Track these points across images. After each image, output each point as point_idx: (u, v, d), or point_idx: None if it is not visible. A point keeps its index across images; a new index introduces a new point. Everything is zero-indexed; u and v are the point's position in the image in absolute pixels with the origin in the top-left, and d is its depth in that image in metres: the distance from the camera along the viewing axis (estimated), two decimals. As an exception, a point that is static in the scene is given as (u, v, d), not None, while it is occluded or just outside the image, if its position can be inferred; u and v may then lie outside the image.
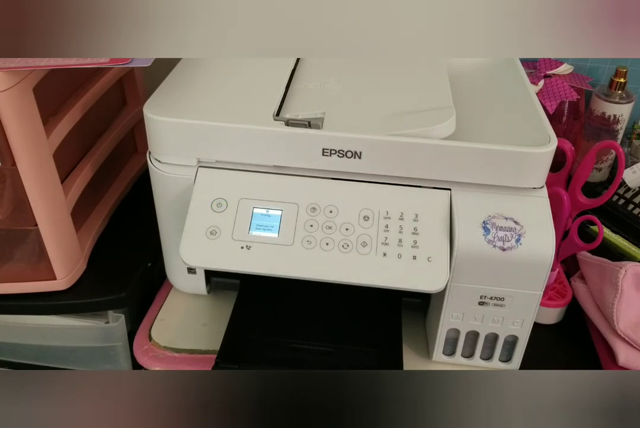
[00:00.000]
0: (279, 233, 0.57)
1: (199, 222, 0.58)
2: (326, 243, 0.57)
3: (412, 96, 0.62)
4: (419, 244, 0.56)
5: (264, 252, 0.57)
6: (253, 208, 0.58)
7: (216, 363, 0.60)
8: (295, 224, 0.57)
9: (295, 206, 0.58)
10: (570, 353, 0.69)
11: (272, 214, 0.58)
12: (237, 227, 0.57)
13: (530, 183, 0.57)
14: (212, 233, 0.57)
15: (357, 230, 0.57)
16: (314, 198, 0.58)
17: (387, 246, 0.56)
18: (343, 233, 0.57)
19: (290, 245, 0.57)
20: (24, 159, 0.60)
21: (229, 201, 0.58)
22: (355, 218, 0.57)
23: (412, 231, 0.57)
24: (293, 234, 0.57)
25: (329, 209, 0.58)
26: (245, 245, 0.57)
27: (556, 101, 0.87)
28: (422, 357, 0.66)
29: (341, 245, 0.57)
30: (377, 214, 0.58)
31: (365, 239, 0.57)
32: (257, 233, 0.57)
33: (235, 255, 0.56)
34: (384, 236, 0.57)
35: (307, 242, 0.57)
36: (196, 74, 0.66)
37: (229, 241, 0.57)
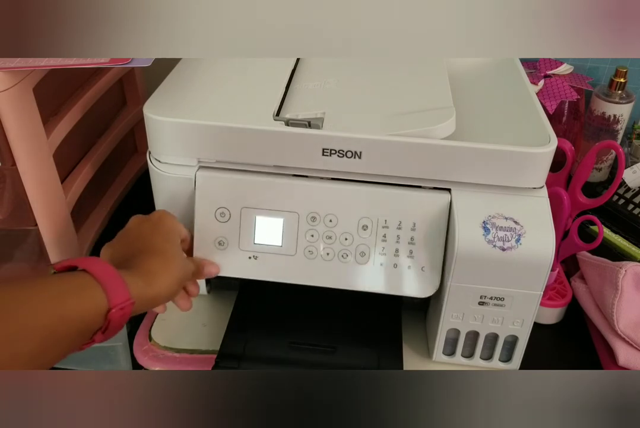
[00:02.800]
0: (282, 242, 0.60)
1: (206, 234, 0.61)
2: (327, 253, 0.60)
3: (412, 96, 0.62)
4: (415, 254, 0.59)
5: (269, 261, 0.61)
6: (255, 216, 0.60)
7: (216, 363, 0.60)
8: (297, 234, 0.60)
9: (296, 215, 0.59)
10: (570, 353, 0.69)
11: (274, 222, 0.60)
12: (242, 237, 0.60)
13: (530, 183, 0.57)
14: (220, 243, 0.61)
15: (356, 240, 0.59)
16: (314, 206, 0.59)
17: (384, 256, 0.59)
18: (342, 243, 0.60)
19: (293, 255, 0.60)
20: (24, 159, 0.60)
21: (232, 211, 0.60)
22: (354, 228, 0.59)
23: (408, 241, 0.59)
24: (295, 244, 0.60)
25: (329, 218, 0.59)
26: (252, 255, 0.61)
27: (556, 101, 0.87)
28: (422, 357, 0.66)
29: (340, 255, 0.60)
30: (376, 224, 0.59)
31: (363, 249, 0.60)
32: (262, 242, 0.60)
33: (244, 265, 0.61)
34: (382, 247, 0.59)
35: (308, 252, 0.60)
36: (196, 74, 0.66)
37: (237, 251, 0.61)
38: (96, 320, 0.42)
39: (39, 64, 0.56)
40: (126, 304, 0.43)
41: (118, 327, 0.45)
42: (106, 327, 0.43)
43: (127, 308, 0.44)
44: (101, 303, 0.42)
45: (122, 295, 0.44)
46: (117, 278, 0.44)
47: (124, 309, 0.43)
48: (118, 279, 0.44)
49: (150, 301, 0.48)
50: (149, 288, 0.48)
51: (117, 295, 0.43)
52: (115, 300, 0.43)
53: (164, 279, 0.49)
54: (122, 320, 0.44)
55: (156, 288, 0.48)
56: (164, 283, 0.49)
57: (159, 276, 0.49)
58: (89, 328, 0.43)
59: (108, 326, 0.43)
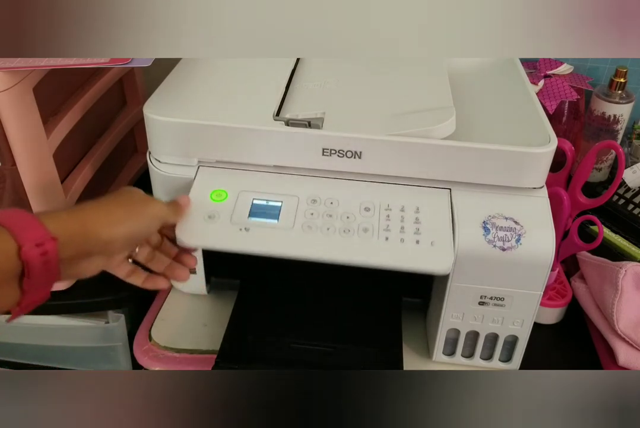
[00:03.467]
0: (278, 219, 0.56)
1: (197, 209, 0.57)
2: (327, 228, 0.55)
3: (412, 96, 0.62)
4: (422, 231, 0.55)
5: (262, 234, 0.55)
6: (253, 199, 0.58)
7: (216, 363, 0.60)
8: (296, 213, 0.56)
9: (296, 198, 0.58)
10: (570, 353, 0.69)
11: (272, 205, 0.57)
12: (236, 213, 0.57)
13: (530, 183, 0.57)
14: (210, 217, 0.56)
15: (358, 219, 0.56)
16: (314, 192, 0.58)
17: (388, 232, 0.55)
18: (344, 221, 0.56)
19: (291, 229, 0.55)
20: (24, 159, 0.60)
21: (229, 192, 0.58)
22: (356, 209, 0.57)
23: (414, 221, 0.56)
24: (293, 221, 0.56)
25: (330, 201, 0.57)
26: (243, 227, 0.56)
27: (556, 101, 0.87)
28: (422, 357, 0.66)
29: (342, 230, 0.55)
30: (378, 207, 0.57)
31: (366, 226, 0.55)
32: (257, 219, 0.56)
33: (233, 236, 0.55)
34: (386, 224, 0.56)
35: (307, 227, 0.56)
36: (196, 74, 0.66)
37: (227, 224, 0.56)
38: (9, 261, 0.39)
39: (39, 64, 0.56)
40: (43, 240, 0.40)
41: (48, 271, 0.41)
42: (28, 270, 0.40)
43: (47, 245, 0.40)
44: (7, 243, 0.39)
45: (33, 231, 0.40)
46: (26, 216, 0.41)
47: (42, 246, 0.40)
48: (27, 217, 0.41)
49: (85, 239, 0.44)
50: (75, 223, 0.43)
51: (26, 232, 0.40)
52: (25, 237, 0.39)
53: (98, 214, 0.45)
54: (45, 258, 0.40)
55: (89, 225, 0.44)
56: (99, 218, 0.45)
57: (88, 211, 0.45)
58: (4, 271, 0.39)
59: (30, 268, 0.40)
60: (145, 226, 0.49)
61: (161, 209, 0.52)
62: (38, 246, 0.40)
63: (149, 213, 0.50)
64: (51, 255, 0.41)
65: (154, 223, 0.51)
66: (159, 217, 0.51)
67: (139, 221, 0.48)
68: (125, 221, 0.47)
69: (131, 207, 0.49)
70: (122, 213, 0.47)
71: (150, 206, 0.50)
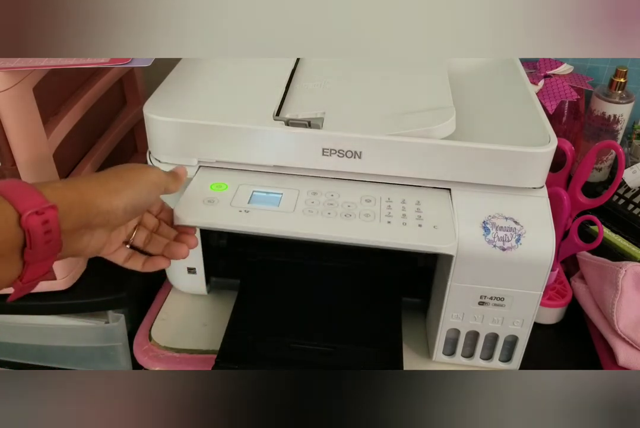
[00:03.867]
0: (279, 205, 0.56)
1: (197, 195, 0.57)
2: (328, 212, 0.55)
3: (412, 96, 0.62)
4: (423, 217, 0.55)
5: (263, 215, 0.55)
6: (253, 191, 0.57)
7: (216, 363, 0.60)
8: (296, 202, 0.56)
9: (296, 191, 0.58)
10: (570, 353, 0.69)
11: (272, 196, 0.57)
12: (235, 200, 0.57)
13: (530, 183, 0.57)
14: (209, 201, 0.56)
15: (360, 207, 0.56)
16: (315, 187, 0.58)
17: (390, 217, 0.55)
18: (345, 208, 0.56)
19: (292, 212, 0.55)
20: (24, 159, 0.60)
21: (230, 185, 0.58)
22: (357, 200, 0.57)
23: (415, 210, 0.56)
24: (294, 207, 0.56)
25: (330, 193, 0.57)
26: (243, 209, 0.55)
27: (556, 101, 0.87)
28: (422, 357, 0.66)
29: (343, 215, 0.55)
30: (379, 199, 0.57)
31: (368, 213, 0.55)
32: (257, 204, 0.56)
33: (233, 216, 0.55)
34: (387, 211, 0.56)
35: (308, 211, 0.55)
36: (196, 74, 0.66)
37: (226, 207, 0.56)
38: (9, 230, 0.39)
39: (39, 64, 0.56)
40: (43, 207, 0.39)
41: (50, 241, 0.41)
42: (30, 239, 0.39)
43: (48, 213, 0.40)
44: (7, 212, 0.38)
45: (32, 199, 0.40)
46: (24, 185, 0.40)
47: (42, 214, 0.39)
48: (24, 186, 0.40)
49: (85, 209, 0.43)
50: (73, 192, 0.43)
51: (24, 200, 0.39)
52: (24, 205, 0.39)
53: (95, 184, 0.44)
54: (46, 228, 0.40)
55: (87, 195, 0.43)
56: (96, 187, 0.44)
57: (84, 181, 0.44)
58: (4, 241, 0.39)
59: (31, 237, 0.39)
60: (145, 194, 0.48)
61: (159, 175, 0.51)
62: (38, 214, 0.39)
63: (147, 179, 0.49)
64: (52, 225, 0.40)
65: (154, 190, 0.50)
66: (157, 183, 0.50)
67: (138, 188, 0.47)
68: (123, 189, 0.46)
69: (128, 175, 0.48)
70: (119, 181, 0.46)
71: (147, 173, 0.49)
